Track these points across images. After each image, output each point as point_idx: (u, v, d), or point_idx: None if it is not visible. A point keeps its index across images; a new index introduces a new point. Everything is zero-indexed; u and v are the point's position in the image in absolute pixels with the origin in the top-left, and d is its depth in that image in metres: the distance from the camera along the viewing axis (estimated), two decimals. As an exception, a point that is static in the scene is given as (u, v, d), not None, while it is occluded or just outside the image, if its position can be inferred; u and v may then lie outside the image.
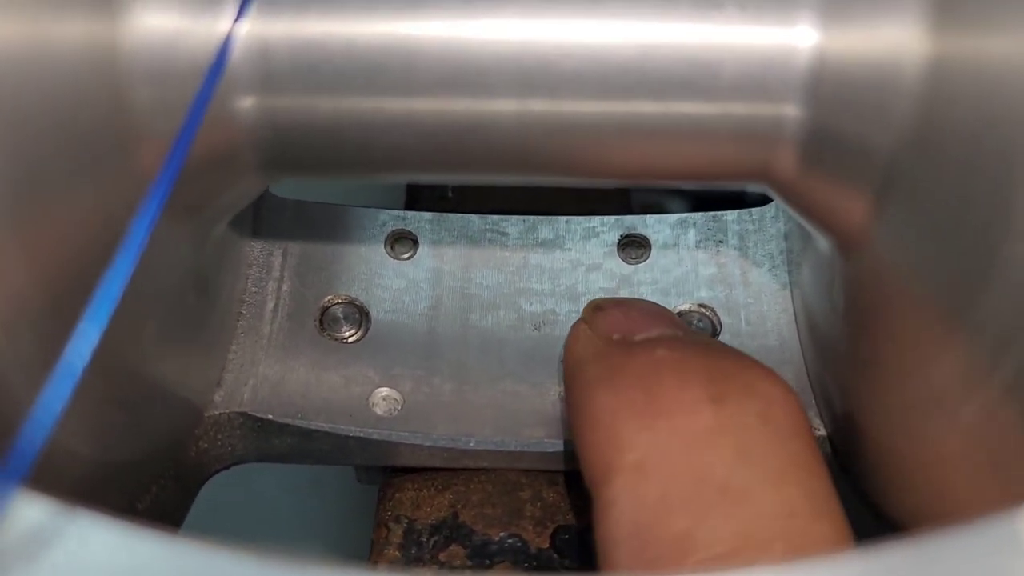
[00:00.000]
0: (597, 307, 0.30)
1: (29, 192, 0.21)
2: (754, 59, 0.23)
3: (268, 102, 0.24)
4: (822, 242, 0.28)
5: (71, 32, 0.22)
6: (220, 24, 0.24)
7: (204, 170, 0.25)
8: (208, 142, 0.24)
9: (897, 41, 0.22)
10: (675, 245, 0.38)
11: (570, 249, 0.38)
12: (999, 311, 0.21)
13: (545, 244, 0.38)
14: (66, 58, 0.22)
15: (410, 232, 0.38)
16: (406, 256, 0.38)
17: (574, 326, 0.31)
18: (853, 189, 0.24)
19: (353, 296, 0.37)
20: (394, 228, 0.38)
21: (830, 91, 0.23)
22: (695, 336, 0.29)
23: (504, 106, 0.24)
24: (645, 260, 0.37)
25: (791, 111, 0.24)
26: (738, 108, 0.24)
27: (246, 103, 0.24)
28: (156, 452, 0.30)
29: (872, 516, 0.29)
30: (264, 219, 0.38)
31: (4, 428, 0.20)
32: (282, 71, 0.24)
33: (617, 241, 0.38)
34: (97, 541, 0.17)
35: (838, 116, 0.23)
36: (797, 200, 0.26)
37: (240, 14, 0.24)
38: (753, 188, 0.26)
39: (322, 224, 0.38)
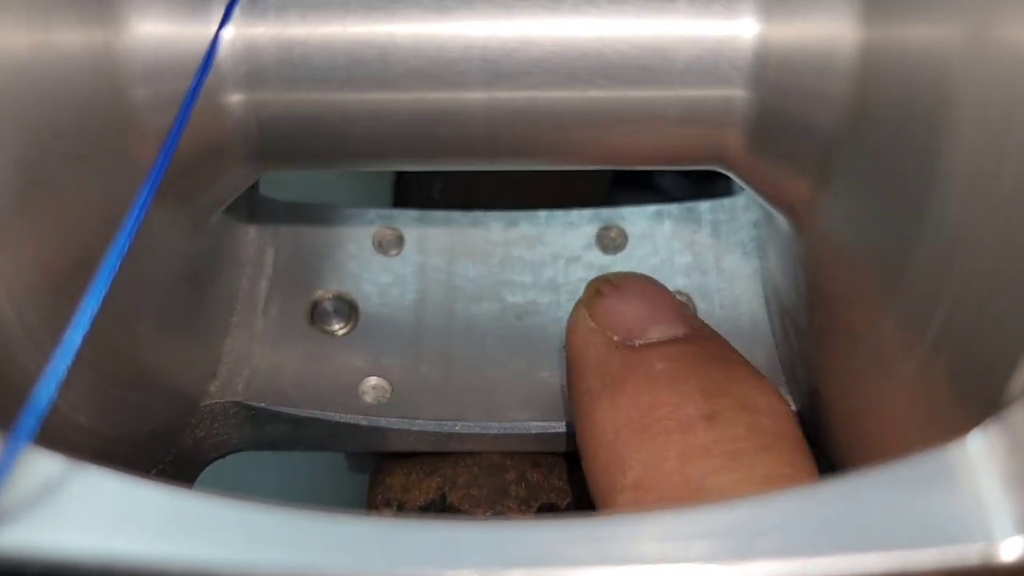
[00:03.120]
0: (596, 291, 0.31)
1: (37, 180, 0.22)
2: (704, 48, 0.25)
3: (255, 97, 0.26)
4: (782, 221, 0.30)
5: (74, 39, 0.24)
6: (208, 29, 0.25)
7: (197, 162, 0.26)
8: (200, 135, 0.26)
9: (832, 29, 0.24)
10: (651, 235, 0.39)
11: (550, 242, 0.39)
12: (925, 275, 0.23)
13: (526, 237, 0.39)
14: (70, 62, 0.23)
15: (396, 229, 0.40)
16: (393, 252, 0.39)
17: (575, 310, 0.32)
18: (798, 166, 0.26)
19: (342, 291, 0.38)
20: (381, 225, 0.40)
21: (773, 76, 0.25)
22: (695, 332, 0.30)
23: (473, 96, 0.26)
24: (623, 251, 0.39)
25: (739, 94, 0.25)
26: (691, 93, 0.26)
27: (234, 98, 0.26)
28: (155, 434, 0.31)
29: None
30: (257, 220, 0.39)
31: (14, 395, 0.22)
32: (267, 69, 0.25)
33: (595, 233, 0.39)
34: (105, 491, 0.18)
35: (782, 98, 0.25)
36: (750, 178, 0.28)
37: (225, 19, 0.26)
38: (711, 168, 0.28)
39: (312, 223, 0.39)
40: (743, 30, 0.25)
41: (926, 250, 0.22)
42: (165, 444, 0.33)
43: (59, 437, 0.21)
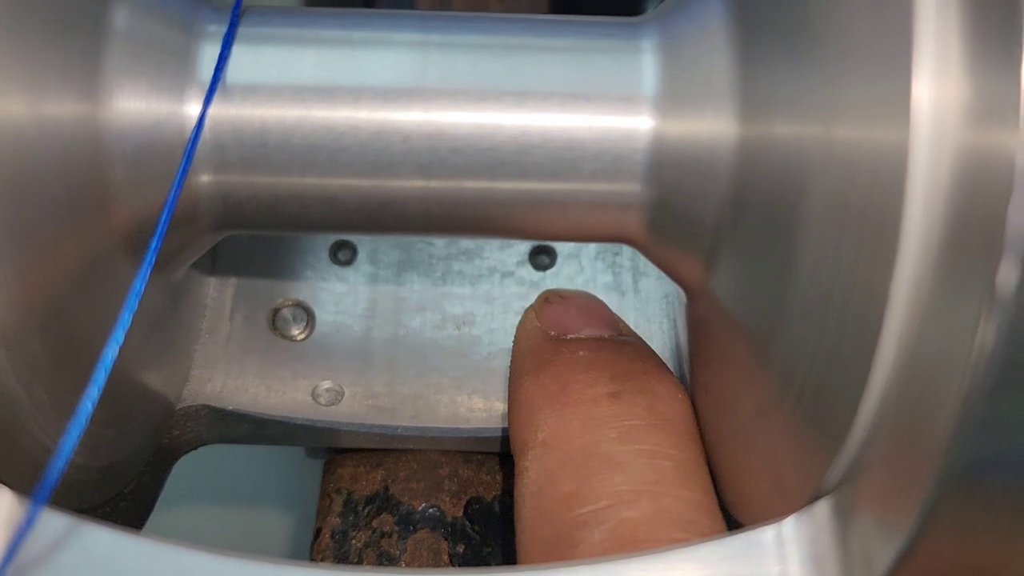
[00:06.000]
0: (546, 299, 0.36)
1: (24, 244, 0.26)
2: (608, 144, 0.29)
3: (220, 179, 0.30)
4: (682, 292, 0.34)
5: (63, 112, 0.27)
6: (184, 109, 0.29)
7: (169, 233, 0.31)
8: (175, 212, 0.30)
9: (716, 127, 0.28)
10: (577, 256, 0.44)
11: (488, 258, 0.44)
12: (785, 353, 0.27)
13: (467, 253, 0.44)
14: (58, 133, 0.27)
15: (350, 241, 0.44)
16: (347, 263, 0.44)
17: (526, 312, 0.37)
18: (691, 250, 0.31)
19: (301, 299, 0.43)
20: (337, 238, 0.44)
21: (665, 173, 0.29)
22: (620, 334, 0.35)
23: (412, 184, 0.30)
24: (552, 268, 0.44)
25: (637, 189, 0.30)
26: (598, 187, 0.30)
27: (204, 179, 0.30)
28: (138, 451, 0.36)
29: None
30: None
31: (24, 457, 0.26)
32: (230, 156, 0.30)
33: (529, 251, 0.44)
34: (103, 546, 0.23)
35: (673, 195, 0.30)
36: (652, 258, 0.32)
37: (206, 103, 0.30)
38: (620, 243, 0.33)
39: (274, 235, 0.44)
40: (640, 124, 0.29)
41: (783, 334, 0.26)
42: (147, 452, 0.37)
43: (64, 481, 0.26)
